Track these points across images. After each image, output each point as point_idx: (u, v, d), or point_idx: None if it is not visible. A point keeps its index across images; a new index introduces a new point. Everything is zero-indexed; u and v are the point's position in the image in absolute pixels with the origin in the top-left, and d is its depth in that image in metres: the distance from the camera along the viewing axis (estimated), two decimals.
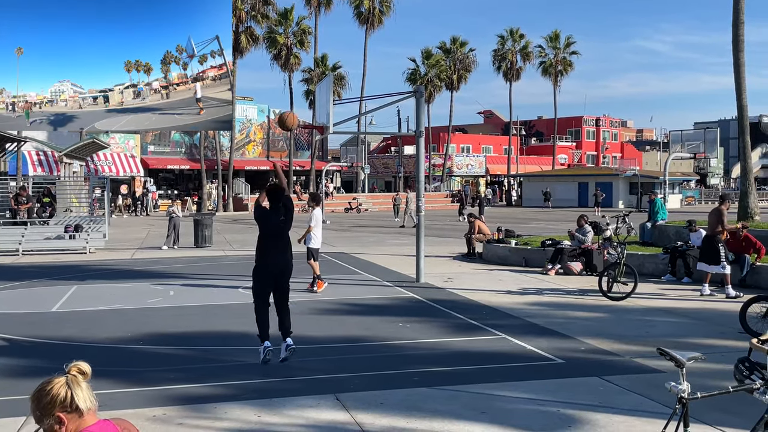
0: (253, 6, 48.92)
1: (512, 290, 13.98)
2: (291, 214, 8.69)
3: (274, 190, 8.65)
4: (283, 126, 11.07)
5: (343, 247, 22.94)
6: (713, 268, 13.13)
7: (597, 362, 8.37)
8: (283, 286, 8.53)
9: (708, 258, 13.21)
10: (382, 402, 6.85)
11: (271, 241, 8.47)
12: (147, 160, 51.84)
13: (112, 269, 17.78)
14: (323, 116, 15.00)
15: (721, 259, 13.06)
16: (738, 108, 19.24)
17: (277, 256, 8.46)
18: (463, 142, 74.80)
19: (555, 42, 65.46)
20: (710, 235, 13.32)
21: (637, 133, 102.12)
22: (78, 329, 10.46)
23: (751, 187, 19.13)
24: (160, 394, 7.19)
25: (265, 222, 8.52)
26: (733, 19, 19.37)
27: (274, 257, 8.44)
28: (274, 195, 8.62)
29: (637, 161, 74.81)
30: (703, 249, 13.49)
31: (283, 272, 8.52)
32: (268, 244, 8.46)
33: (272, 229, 8.48)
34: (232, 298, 13.23)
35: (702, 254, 13.45)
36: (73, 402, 2.52)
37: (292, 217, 8.71)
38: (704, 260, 13.30)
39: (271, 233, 8.49)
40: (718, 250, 13.08)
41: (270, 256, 8.44)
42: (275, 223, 8.48)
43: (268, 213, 8.56)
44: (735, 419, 6.08)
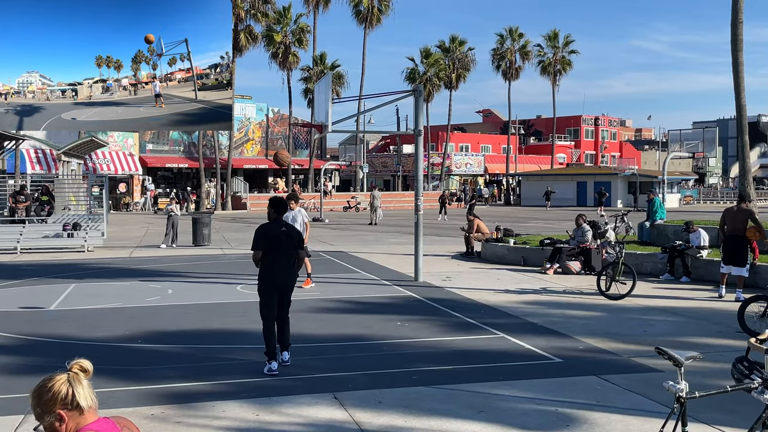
0: (252, 4, 48.88)
1: (511, 289, 13.99)
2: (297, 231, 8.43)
3: (279, 201, 8.41)
4: (279, 163, 12.62)
5: (341, 245, 22.94)
6: (740, 270, 12.66)
7: (595, 361, 8.38)
8: (287, 301, 8.27)
9: (735, 259, 12.68)
10: (381, 401, 6.85)
11: (274, 255, 8.06)
12: (145, 158, 51.81)
13: (110, 267, 17.77)
14: (322, 115, 15.00)
15: (746, 260, 12.69)
16: (737, 107, 19.23)
17: (280, 271, 8.10)
18: (461, 141, 74.78)
19: (554, 41, 65.53)
20: (740, 236, 12.69)
21: (635, 133, 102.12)
22: (76, 327, 10.46)
23: (749, 187, 19.14)
24: (158, 392, 7.19)
25: (265, 236, 8.13)
26: (732, 18, 19.36)
27: (277, 272, 8.08)
28: (280, 207, 8.35)
29: (635, 161, 74.84)
30: (729, 250, 12.81)
31: (287, 286, 8.22)
32: (271, 259, 8.07)
33: (273, 243, 8.09)
34: (230, 297, 13.23)
35: (728, 255, 12.81)
36: (74, 399, 2.52)
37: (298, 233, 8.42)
38: (731, 262, 12.73)
39: (272, 247, 8.07)
40: (746, 251, 12.69)
41: (273, 271, 8.08)
42: (277, 236, 8.12)
43: (270, 226, 8.24)
44: (733, 418, 6.09)
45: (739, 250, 12.72)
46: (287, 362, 8.12)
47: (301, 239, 8.43)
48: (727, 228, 12.86)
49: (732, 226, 12.79)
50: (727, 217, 12.92)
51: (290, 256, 8.18)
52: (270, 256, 8.03)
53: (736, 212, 12.87)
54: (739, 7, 19.24)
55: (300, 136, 60.26)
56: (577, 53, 68.04)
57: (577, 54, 68.30)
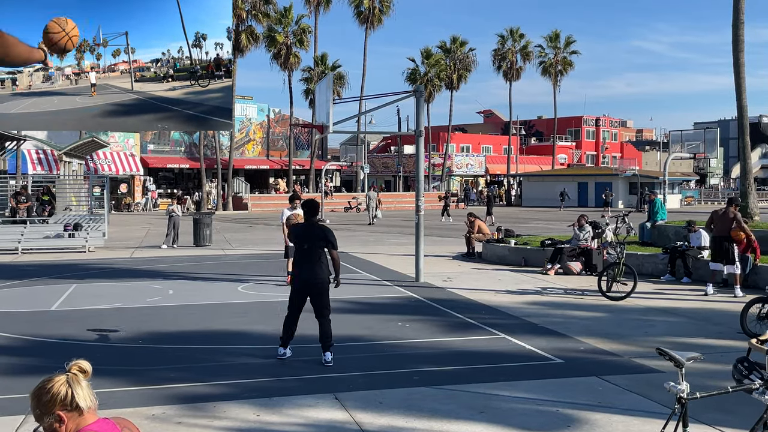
0: (253, 5, 48.90)
1: (511, 290, 13.99)
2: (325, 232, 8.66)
3: (311, 203, 8.77)
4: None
5: (342, 246, 22.85)
6: (728, 268, 13.18)
7: (596, 362, 8.38)
8: (317, 302, 8.56)
9: (721, 257, 13.23)
10: (381, 401, 6.85)
11: (301, 252, 8.54)
12: (146, 158, 51.81)
13: (111, 268, 17.78)
14: (323, 115, 15.00)
15: (735, 258, 13.11)
16: (738, 108, 19.23)
17: (304, 271, 8.53)
18: (462, 141, 74.74)
19: (555, 42, 65.46)
20: (723, 236, 13.26)
21: (636, 133, 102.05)
22: (77, 328, 10.46)
23: (750, 188, 19.12)
24: (159, 393, 7.19)
25: (294, 234, 8.77)
26: (733, 19, 19.35)
27: (303, 272, 8.55)
28: (312, 209, 8.71)
29: (636, 161, 74.78)
30: (715, 249, 13.47)
31: (312, 289, 8.52)
32: (299, 256, 8.57)
33: (301, 240, 8.58)
34: (231, 297, 13.23)
35: (715, 254, 13.44)
36: (73, 400, 2.52)
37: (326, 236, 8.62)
38: (718, 260, 13.31)
39: (301, 244, 8.56)
40: (728, 249, 13.13)
41: (299, 271, 8.59)
42: (306, 234, 8.56)
43: (303, 226, 8.81)
44: (734, 419, 6.09)
45: (726, 249, 13.17)
46: (329, 362, 8.22)
47: (328, 238, 8.59)
48: (714, 229, 13.54)
49: (717, 227, 13.44)
50: (714, 217, 13.60)
51: (318, 255, 8.49)
52: (299, 252, 8.54)
53: (722, 215, 13.47)
54: (740, 7, 19.23)
55: (301, 136, 60.27)
56: (578, 54, 67.95)
57: (578, 54, 68.34)
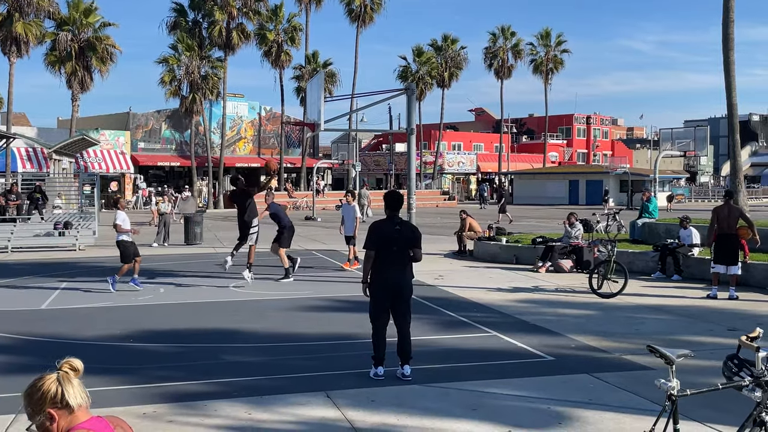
0: (244, 3, 48.75)
1: (503, 288, 14.01)
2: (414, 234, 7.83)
3: (393, 195, 7.85)
4: (268, 172, 14.23)
5: (333, 244, 22.91)
6: (731, 269, 12.60)
7: (587, 359, 8.40)
8: (403, 307, 7.83)
9: (727, 258, 12.60)
10: (373, 399, 6.85)
11: (386, 255, 7.61)
12: (137, 156, 51.61)
13: (101, 266, 17.70)
14: (314, 113, 14.99)
15: (739, 259, 12.67)
16: (728, 106, 19.32)
17: (389, 272, 7.64)
18: (454, 139, 74.80)
19: (546, 40, 65.63)
20: (733, 234, 12.64)
21: (627, 131, 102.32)
22: (68, 327, 10.42)
23: (740, 185, 19.23)
24: (150, 391, 7.17)
25: (378, 233, 7.67)
26: (723, 18, 19.44)
27: (388, 274, 7.63)
28: (395, 202, 7.79)
29: (627, 159, 75.01)
30: (721, 248, 12.71)
31: (402, 292, 7.76)
32: (383, 258, 7.62)
33: (385, 242, 7.61)
34: (222, 296, 13.21)
35: (720, 254, 12.71)
36: (63, 398, 2.51)
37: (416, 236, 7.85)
38: (723, 261, 12.65)
39: (385, 246, 7.61)
40: (736, 249, 12.65)
41: (384, 272, 7.63)
42: (390, 234, 7.62)
43: (382, 223, 7.77)
44: (724, 416, 6.11)
45: (733, 249, 12.72)
46: (408, 377, 7.50)
47: (416, 237, 7.82)
48: (720, 226, 12.73)
49: (724, 225, 12.68)
50: (719, 215, 12.77)
51: (404, 256, 7.71)
52: (382, 255, 7.62)
53: (727, 210, 12.78)
54: (730, 6, 19.32)
55: (292, 134, 60.13)
56: (569, 52, 68.06)
57: (569, 53, 68.39)
